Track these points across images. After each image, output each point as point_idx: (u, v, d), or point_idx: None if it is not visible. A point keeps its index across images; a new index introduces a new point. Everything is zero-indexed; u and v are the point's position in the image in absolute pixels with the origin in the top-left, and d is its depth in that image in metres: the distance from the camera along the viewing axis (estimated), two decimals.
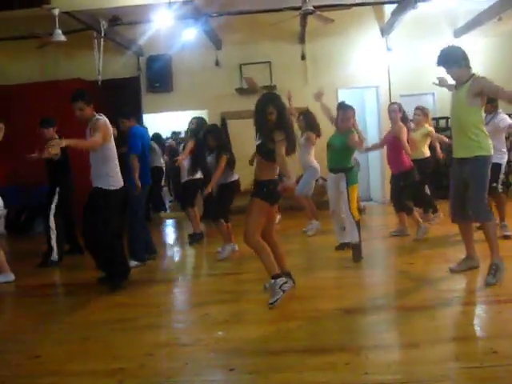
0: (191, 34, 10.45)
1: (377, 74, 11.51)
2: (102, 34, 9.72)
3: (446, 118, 10.60)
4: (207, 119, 11.55)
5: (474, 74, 4.93)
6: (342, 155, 6.40)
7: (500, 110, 6.88)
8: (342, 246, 6.76)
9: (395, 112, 7.30)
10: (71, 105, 5.64)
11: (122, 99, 10.61)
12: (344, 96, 11.66)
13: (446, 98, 5.11)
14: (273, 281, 4.73)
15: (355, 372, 3.35)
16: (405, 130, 7.19)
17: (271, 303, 4.62)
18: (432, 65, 5.04)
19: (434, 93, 10.98)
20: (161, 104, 11.82)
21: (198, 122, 7.92)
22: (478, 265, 5.37)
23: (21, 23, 9.28)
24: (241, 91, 11.52)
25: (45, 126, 7.24)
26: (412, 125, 7.87)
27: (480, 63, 5.86)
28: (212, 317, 4.60)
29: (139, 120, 10.37)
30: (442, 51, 5.03)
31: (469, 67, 4.98)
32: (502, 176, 6.99)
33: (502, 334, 3.79)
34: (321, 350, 3.72)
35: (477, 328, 4.04)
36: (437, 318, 4.21)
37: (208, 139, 7.07)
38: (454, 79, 5.11)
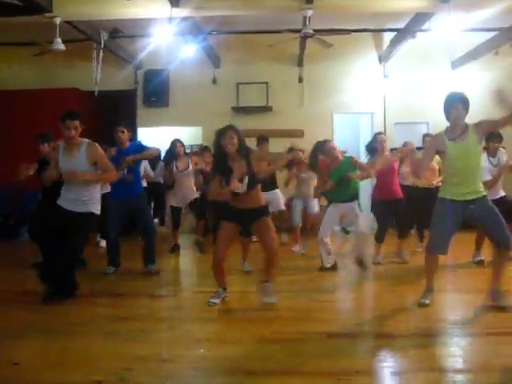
0: (190, 51, 10.52)
1: (373, 100, 11.61)
2: (102, 46, 9.77)
3: None
4: (201, 136, 11.64)
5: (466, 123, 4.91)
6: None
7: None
8: (323, 269, 6.95)
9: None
10: (66, 121, 5.19)
11: (118, 111, 10.63)
12: (339, 121, 11.81)
13: (442, 126, 5.07)
14: None
15: None
16: None
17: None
18: (427, 95, 5.04)
19: (429, 122, 10.90)
20: (156, 118, 11.84)
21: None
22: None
23: (21, 30, 9.28)
24: (236, 110, 11.56)
25: (40, 141, 6.96)
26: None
27: (475, 96, 5.86)
28: (194, 334, 4.56)
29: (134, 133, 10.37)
30: (462, 94, 4.95)
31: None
32: None
33: (493, 367, 3.70)
34: (301, 372, 3.67)
35: (459, 359, 3.97)
36: (423, 346, 4.15)
37: None
38: (456, 123, 4.94)
